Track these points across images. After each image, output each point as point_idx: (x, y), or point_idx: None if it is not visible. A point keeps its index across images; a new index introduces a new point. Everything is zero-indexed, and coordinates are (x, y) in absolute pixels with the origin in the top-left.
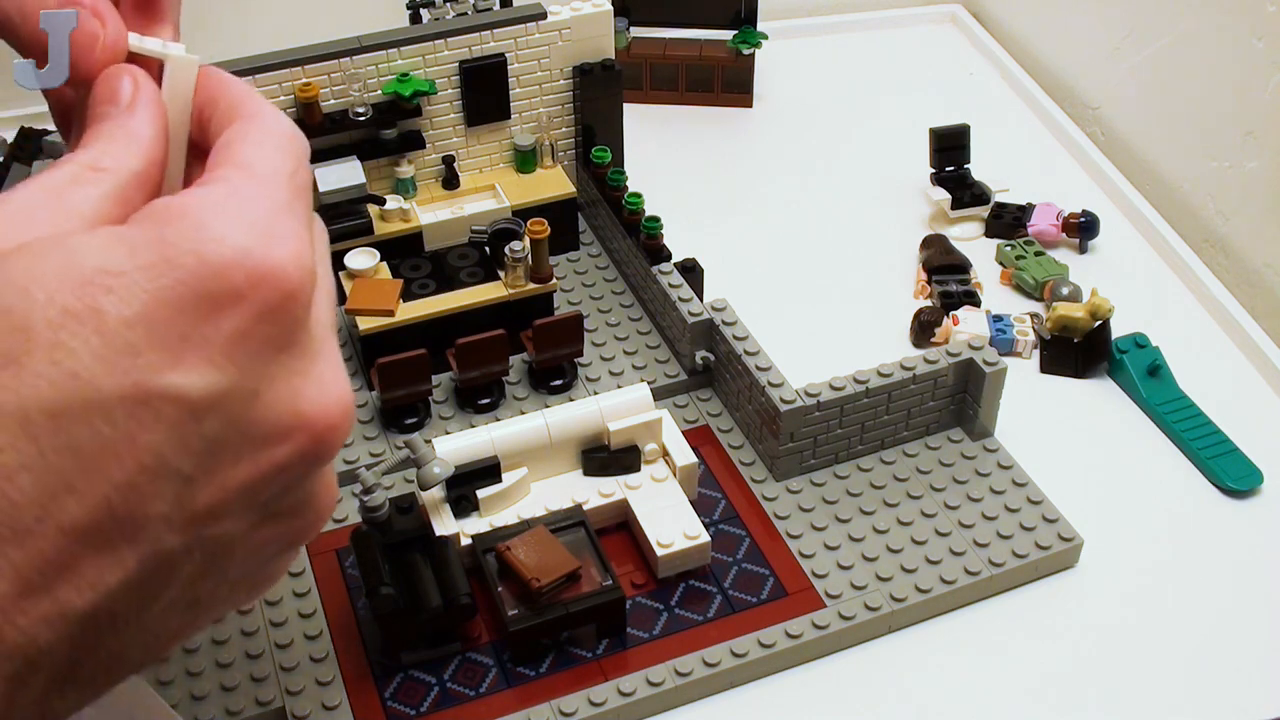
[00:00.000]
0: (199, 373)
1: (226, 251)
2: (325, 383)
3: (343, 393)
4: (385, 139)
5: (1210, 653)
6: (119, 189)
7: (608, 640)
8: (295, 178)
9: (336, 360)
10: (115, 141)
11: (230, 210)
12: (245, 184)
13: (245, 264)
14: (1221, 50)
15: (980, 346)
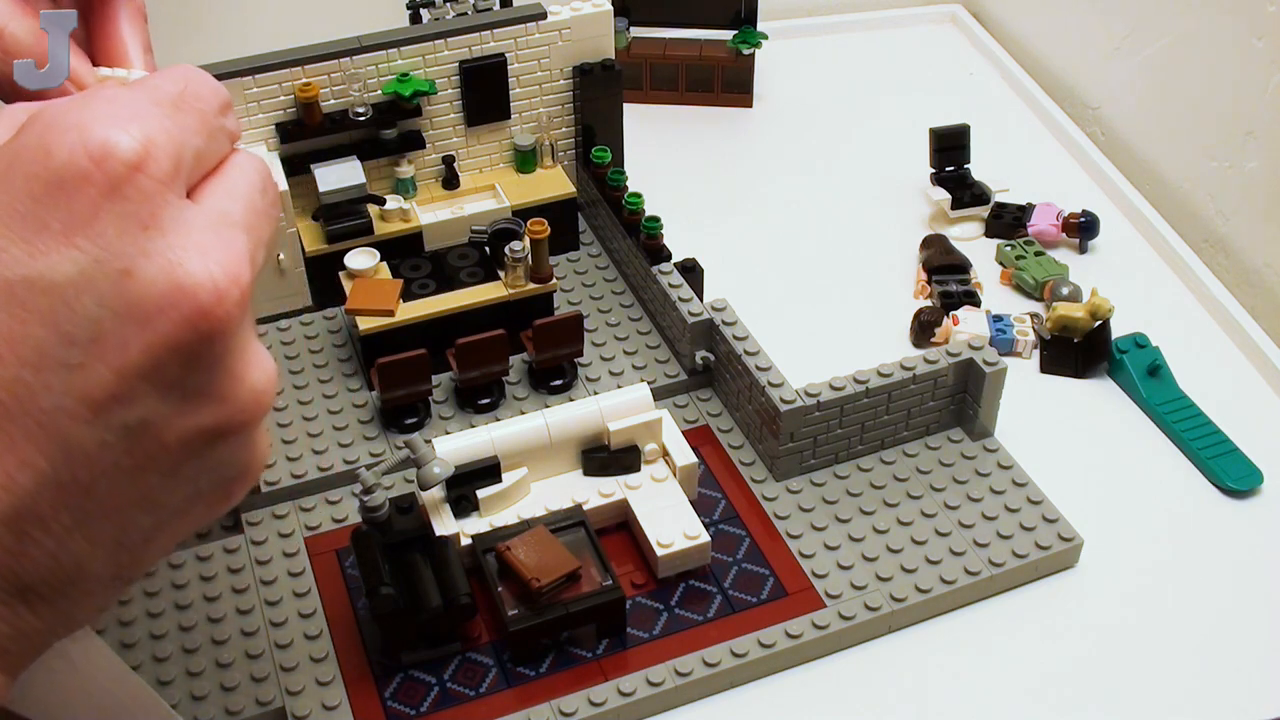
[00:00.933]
0: (59, 256)
1: (70, 137)
2: (208, 255)
3: (228, 261)
4: (385, 139)
5: (1210, 653)
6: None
7: (608, 640)
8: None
9: (231, 242)
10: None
11: (85, 105)
12: (107, 91)
13: (88, 144)
14: (1221, 50)
15: (980, 346)
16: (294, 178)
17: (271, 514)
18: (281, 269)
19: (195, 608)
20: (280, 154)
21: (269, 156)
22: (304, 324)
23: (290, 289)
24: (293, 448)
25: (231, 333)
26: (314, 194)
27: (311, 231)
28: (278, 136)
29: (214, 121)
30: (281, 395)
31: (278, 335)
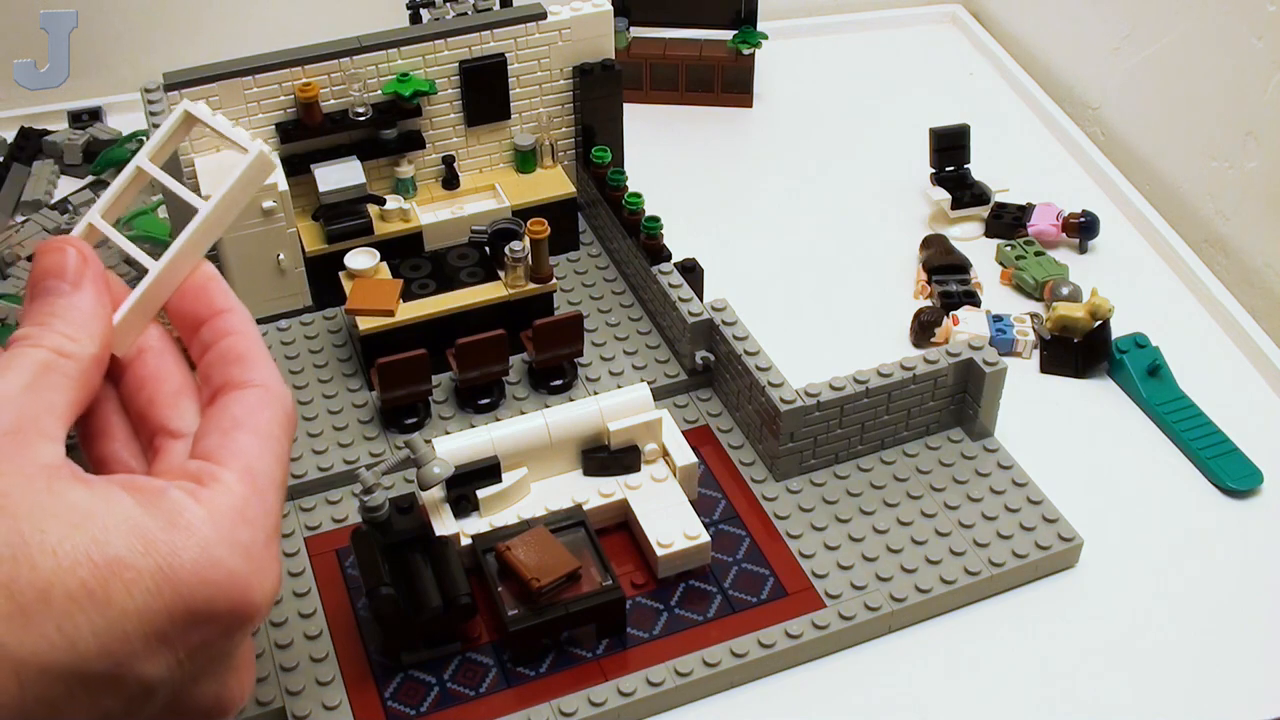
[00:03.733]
0: (165, 666)
1: (221, 578)
2: (243, 672)
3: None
4: (385, 139)
5: (1210, 653)
6: (83, 375)
7: (608, 640)
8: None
9: (251, 645)
10: (73, 324)
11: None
12: (245, 499)
13: (232, 593)
14: (1221, 50)
15: (980, 346)
16: (294, 178)
17: None
18: (281, 269)
19: None
20: (280, 154)
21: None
22: (304, 324)
23: (290, 289)
24: (293, 448)
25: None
26: (314, 194)
27: (311, 231)
28: (278, 136)
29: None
30: None
31: (278, 335)
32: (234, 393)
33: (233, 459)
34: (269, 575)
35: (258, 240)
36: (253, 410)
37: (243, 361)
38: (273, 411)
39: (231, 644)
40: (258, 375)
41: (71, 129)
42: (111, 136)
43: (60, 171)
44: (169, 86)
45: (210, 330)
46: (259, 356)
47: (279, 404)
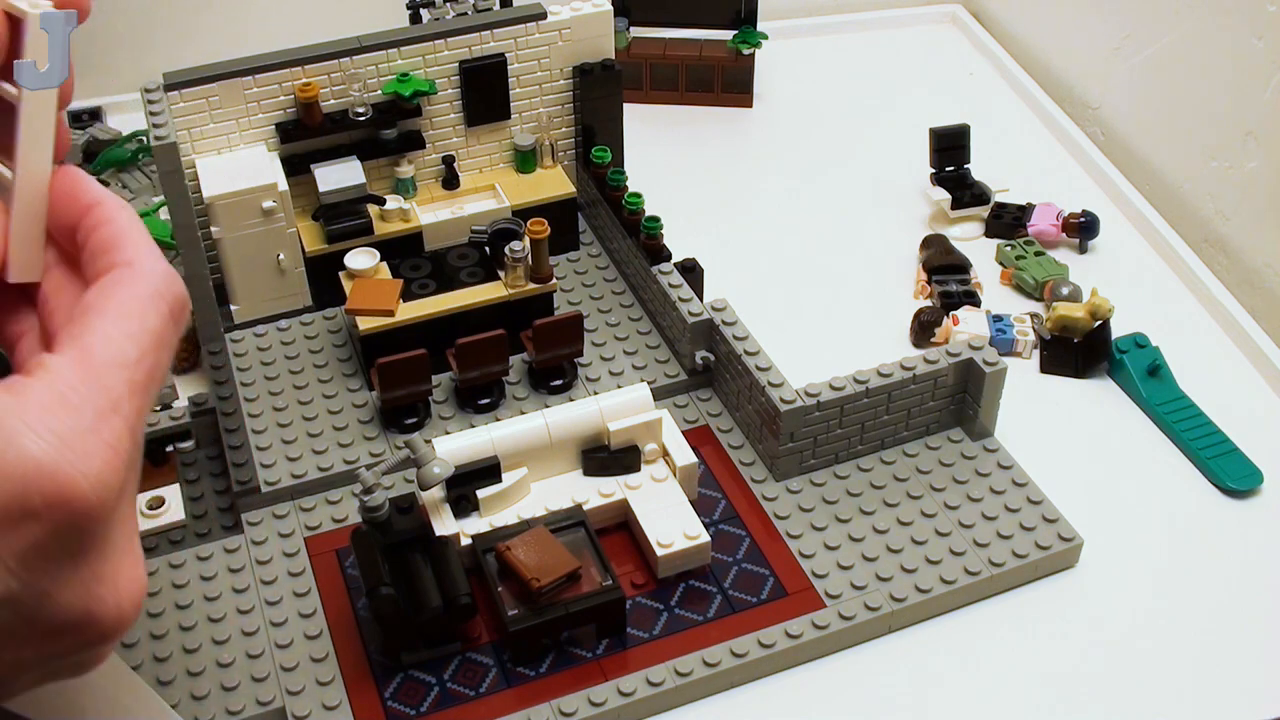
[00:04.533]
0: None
1: (28, 470)
2: (118, 581)
3: (134, 586)
4: (385, 139)
5: (1210, 653)
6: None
7: (608, 640)
8: (145, 363)
9: (133, 552)
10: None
11: (44, 420)
12: (73, 383)
13: (44, 485)
14: (1221, 50)
15: (980, 346)
16: (294, 178)
17: (271, 514)
18: (281, 269)
19: (195, 608)
20: (280, 154)
21: (269, 157)
22: (304, 324)
23: (290, 289)
24: (293, 448)
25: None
26: (314, 194)
27: (311, 231)
28: (278, 136)
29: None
30: (282, 395)
31: (278, 335)
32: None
33: (70, 343)
34: (95, 461)
35: (258, 240)
36: (106, 290)
37: (110, 248)
38: (132, 289)
39: (77, 546)
40: (121, 256)
41: (71, 129)
42: (111, 136)
43: None
44: (169, 86)
45: (83, 230)
46: (126, 239)
47: (142, 280)
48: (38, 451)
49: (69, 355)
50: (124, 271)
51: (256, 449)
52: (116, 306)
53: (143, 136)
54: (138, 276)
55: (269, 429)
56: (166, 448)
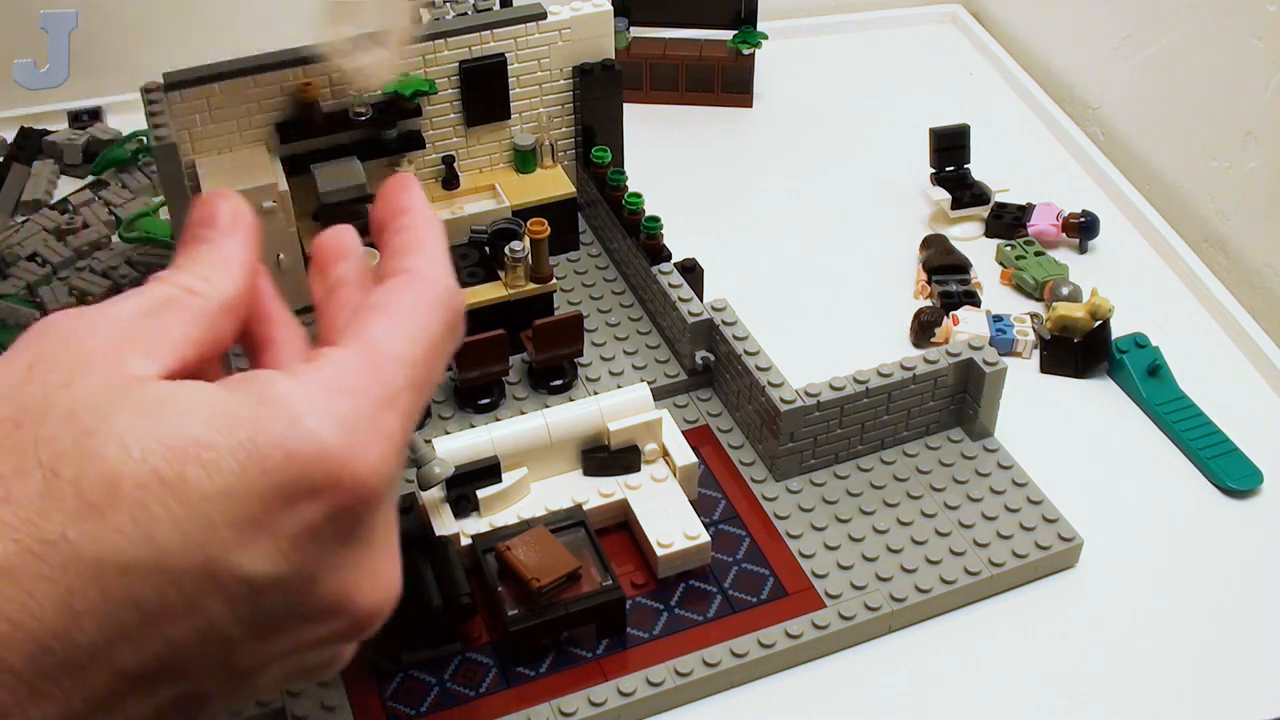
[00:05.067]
0: (265, 558)
1: (311, 451)
2: (377, 574)
3: (391, 584)
4: (385, 139)
5: (1210, 653)
6: (208, 316)
7: (608, 640)
8: (422, 365)
9: (392, 550)
10: (211, 267)
11: (328, 404)
12: (355, 372)
13: (326, 466)
14: (1221, 50)
15: (980, 346)
16: (294, 178)
17: None
18: (281, 269)
19: None
20: (280, 154)
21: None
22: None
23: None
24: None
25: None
26: (314, 194)
27: (311, 231)
28: (278, 136)
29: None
30: None
31: None
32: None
33: (353, 337)
34: (374, 449)
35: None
36: (392, 292)
37: (405, 253)
38: (417, 294)
39: (348, 532)
40: (411, 263)
41: (71, 129)
42: (111, 136)
43: (60, 171)
44: (169, 86)
45: (389, 232)
46: (423, 248)
47: (428, 287)
48: (322, 433)
49: (351, 348)
50: (412, 278)
51: None
52: (400, 308)
53: (143, 136)
54: (424, 283)
55: None
56: None
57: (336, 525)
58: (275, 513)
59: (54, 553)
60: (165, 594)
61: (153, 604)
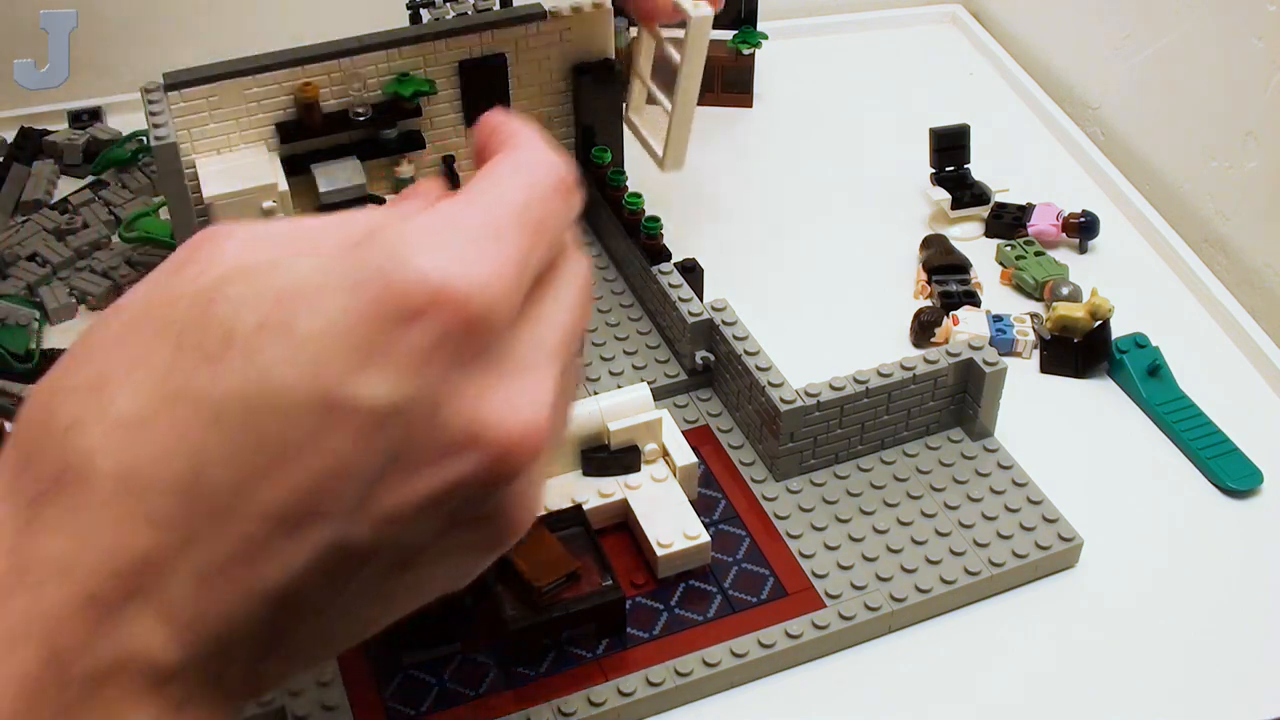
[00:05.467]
0: (380, 384)
1: (410, 273)
2: (513, 404)
3: (531, 416)
4: (385, 139)
5: (1210, 653)
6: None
7: (608, 640)
8: (525, 211)
9: (539, 387)
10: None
11: (426, 235)
12: (454, 212)
13: (426, 285)
14: (1221, 50)
15: (980, 346)
16: (294, 178)
17: None
18: None
19: None
20: (280, 154)
21: (271, 157)
22: None
23: None
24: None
25: (513, 481)
26: (314, 194)
27: None
28: (278, 136)
29: (558, 229)
30: None
31: None
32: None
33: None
34: (476, 269)
35: None
36: (493, 164)
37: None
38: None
39: (463, 356)
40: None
41: (71, 129)
42: (111, 136)
43: (60, 171)
44: (169, 86)
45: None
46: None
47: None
48: (419, 259)
49: (459, 199)
50: (513, 150)
51: None
52: (503, 166)
53: (143, 136)
54: (526, 148)
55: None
56: None
57: (449, 348)
58: (383, 340)
59: (181, 403)
60: (288, 431)
61: (278, 443)
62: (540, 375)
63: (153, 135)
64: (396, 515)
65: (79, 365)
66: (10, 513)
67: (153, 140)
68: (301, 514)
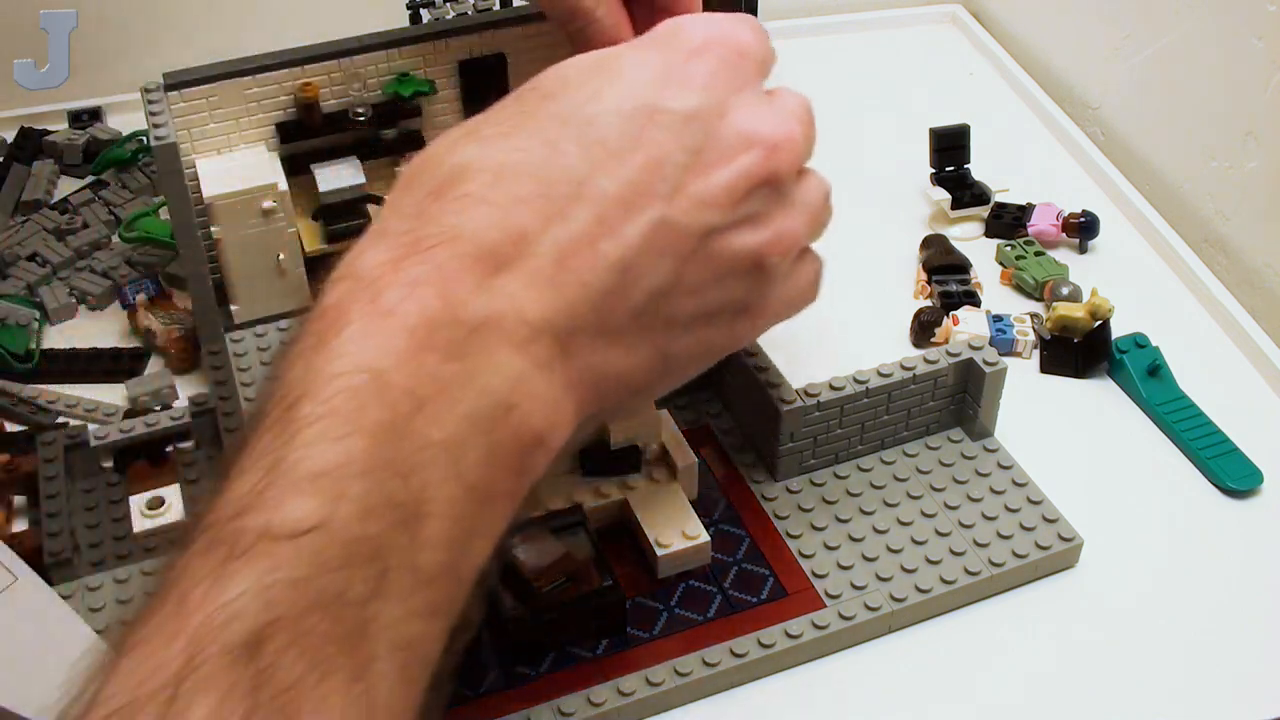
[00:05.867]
0: (682, 97)
1: (697, 25)
2: (776, 119)
3: (790, 127)
4: (385, 139)
5: (1210, 653)
6: None
7: (608, 640)
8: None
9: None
10: None
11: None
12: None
13: (706, 31)
14: (1221, 50)
15: (980, 346)
16: (294, 178)
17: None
18: (281, 269)
19: None
20: (280, 154)
21: (271, 157)
22: None
23: (290, 289)
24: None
25: (782, 179)
26: (314, 194)
27: (311, 231)
28: (278, 136)
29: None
30: None
31: (278, 336)
32: None
33: None
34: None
35: (258, 240)
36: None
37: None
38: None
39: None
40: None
41: (71, 129)
42: (111, 136)
43: (60, 171)
44: (169, 86)
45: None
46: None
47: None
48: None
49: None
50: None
51: None
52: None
53: (143, 136)
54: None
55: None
56: (166, 448)
57: (726, 74)
58: (680, 70)
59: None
60: (619, 133)
61: (616, 137)
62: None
63: (153, 135)
64: (702, 198)
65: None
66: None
67: (153, 140)
68: (634, 195)
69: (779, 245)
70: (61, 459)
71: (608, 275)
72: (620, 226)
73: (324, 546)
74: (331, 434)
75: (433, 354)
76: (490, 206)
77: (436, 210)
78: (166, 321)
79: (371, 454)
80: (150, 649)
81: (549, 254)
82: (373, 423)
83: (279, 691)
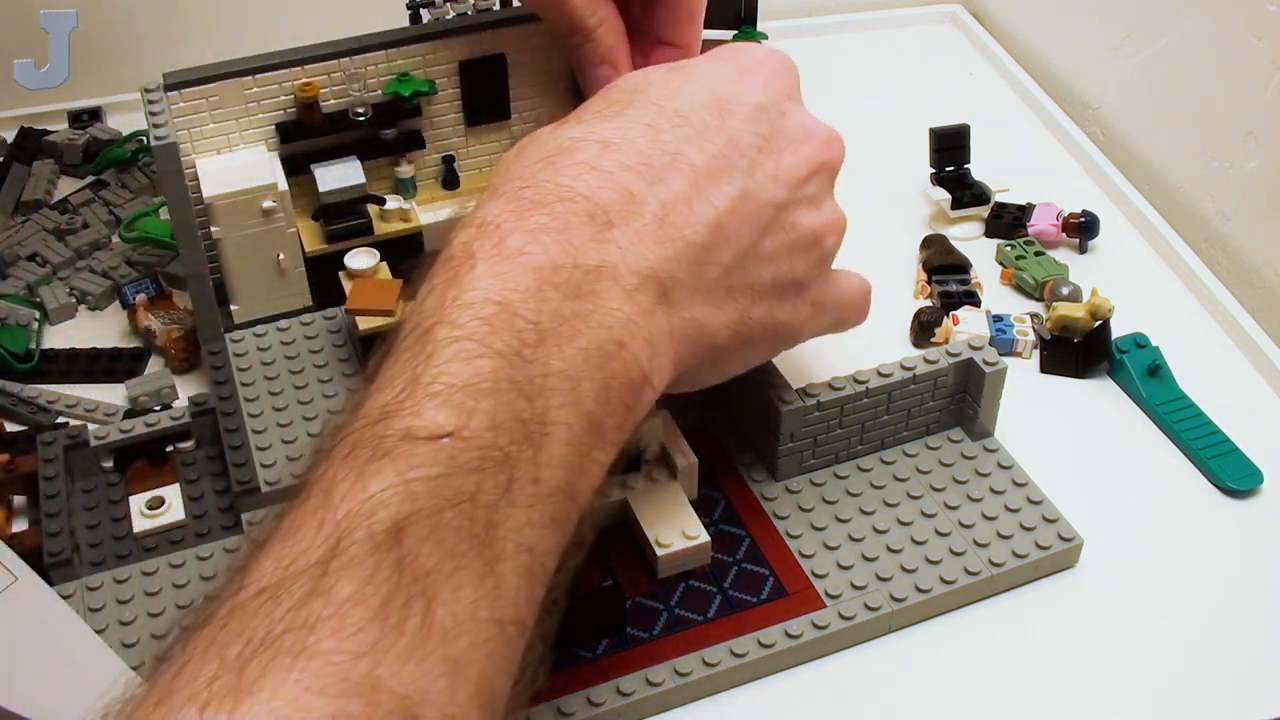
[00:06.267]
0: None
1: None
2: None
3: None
4: (385, 139)
5: (1210, 653)
6: None
7: (608, 640)
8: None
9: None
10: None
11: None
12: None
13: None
14: (1221, 50)
15: (980, 346)
16: (294, 178)
17: (273, 514)
18: (281, 269)
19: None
20: (280, 154)
21: (271, 157)
22: (304, 324)
23: (290, 289)
24: (292, 448)
25: (834, 168)
26: (314, 194)
27: (311, 231)
28: (278, 136)
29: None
30: (282, 395)
31: (278, 335)
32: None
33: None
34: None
35: (258, 240)
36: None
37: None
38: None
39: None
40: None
41: (71, 129)
42: (111, 136)
43: (60, 171)
44: (169, 86)
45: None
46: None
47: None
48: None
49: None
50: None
51: (256, 449)
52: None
53: (143, 136)
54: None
55: (269, 429)
56: (166, 448)
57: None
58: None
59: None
60: (706, 118)
61: (700, 124)
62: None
63: (153, 135)
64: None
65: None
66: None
67: (153, 140)
68: (720, 167)
69: (833, 227)
70: (61, 459)
71: (705, 232)
72: (710, 192)
73: (459, 451)
74: (464, 355)
75: (555, 291)
76: (600, 173)
77: (551, 173)
78: (166, 321)
79: (500, 374)
80: (298, 537)
81: (654, 213)
82: (501, 347)
83: (418, 576)
